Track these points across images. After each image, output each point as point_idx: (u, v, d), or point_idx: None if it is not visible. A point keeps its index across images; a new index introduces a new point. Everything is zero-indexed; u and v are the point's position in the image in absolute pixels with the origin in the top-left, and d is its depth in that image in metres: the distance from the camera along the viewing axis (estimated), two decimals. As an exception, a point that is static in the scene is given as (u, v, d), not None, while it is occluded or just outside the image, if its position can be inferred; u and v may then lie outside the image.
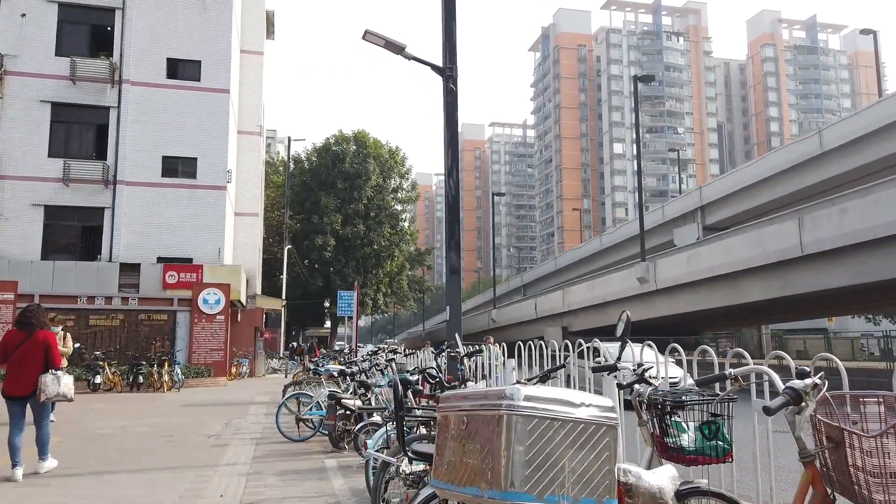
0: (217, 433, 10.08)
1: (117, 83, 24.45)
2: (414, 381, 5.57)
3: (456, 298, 8.34)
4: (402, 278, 50.52)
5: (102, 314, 21.62)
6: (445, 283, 8.55)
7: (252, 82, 30.50)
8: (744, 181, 38.30)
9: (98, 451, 8.53)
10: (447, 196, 8.50)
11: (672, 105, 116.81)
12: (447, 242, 8.45)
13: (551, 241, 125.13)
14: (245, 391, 20.00)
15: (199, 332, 22.54)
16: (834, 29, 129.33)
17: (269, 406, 14.57)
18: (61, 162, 23.52)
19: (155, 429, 10.65)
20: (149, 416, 12.70)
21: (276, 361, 33.51)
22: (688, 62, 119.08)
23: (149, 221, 24.17)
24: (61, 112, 24.14)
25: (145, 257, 23.78)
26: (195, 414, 13.16)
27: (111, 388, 19.34)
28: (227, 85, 25.63)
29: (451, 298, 8.29)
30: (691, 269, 27.70)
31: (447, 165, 8.56)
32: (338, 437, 7.96)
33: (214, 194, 24.97)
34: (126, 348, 21.45)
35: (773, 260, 23.27)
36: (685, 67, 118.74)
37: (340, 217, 44.60)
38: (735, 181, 39.26)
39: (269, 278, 43.37)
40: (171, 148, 24.75)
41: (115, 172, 24.08)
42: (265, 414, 12.80)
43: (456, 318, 8.26)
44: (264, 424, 11.03)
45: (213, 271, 23.71)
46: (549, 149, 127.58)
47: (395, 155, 48.87)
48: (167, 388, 19.37)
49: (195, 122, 25.05)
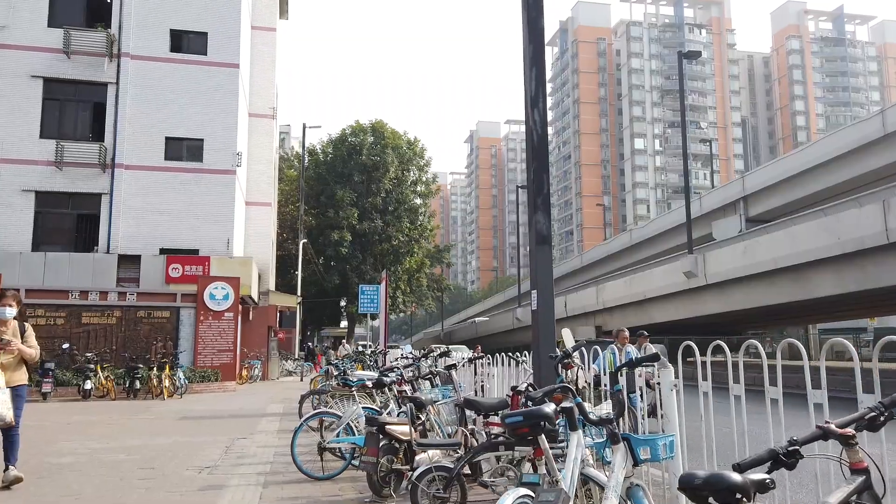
0: (213, 463, 7.63)
1: (116, 57, 22.19)
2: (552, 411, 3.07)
3: (546, 275, 5.85)
4: (420, 276, 48.05)
5: (97, 311, 19.31)
6: (530, 256, 6.05)
7: (264, 61, 28.16)
8: (792, 169, 35.53)
9: (38, 496, 6.10)
10: (531, 135, 6.02)
11: (695, 99, 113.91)
12: (533, 200, 5.96)
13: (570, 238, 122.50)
14: (256, 398, 17.60)
15: (205, 331, 20.19)
16: (861, 20, 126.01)
17: (283, 419, 12.14)
18: (54, 143, 21.29)
19: (133, 455, 8.23)
20: (134, 434, 10.29)
21: (290, 363, 31.14)
22: (710, 55, 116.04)
23: (150, 209, 21.88)
24: (54, 88, 21.92)
25: (146, 248, 21.49)
26: (192, 430, 10.75)
27: (105, 394, 17.02)
28: (237, 59, 23.29)
29: (541, 274, 5.80)
30: (749, 262, 24.94)
31: (530, 91, 6.06)
32: (381, 480, 5.46)
33: (223, 179, 22.64)
34: (123, 349, 19.13)
35: (850, 249, 20.53)
36: (708, 60, 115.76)
37: (357, 211, 42.24)
38: (781, 169, 36.47)
39: (283, 275, 41.10)
40: (175, 128, 22.46)
41: (113, 155, 21.82)
42: (277, 431, 10.34)
43: (546, 302, 5.76)
44: (276, 448, 8.57)
45: (221, 264, 21.38)
46: (568, 145, 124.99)
47: (414, 146, 46.46)
48: (168, 394, 17.02)
49: (201, 100, 22.74)
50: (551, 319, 5.83)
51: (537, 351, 5.73)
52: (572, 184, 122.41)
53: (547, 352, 5.73)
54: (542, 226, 5.95)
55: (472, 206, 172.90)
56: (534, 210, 5.97)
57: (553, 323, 5.86)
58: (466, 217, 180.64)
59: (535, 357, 5.76)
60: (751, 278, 25.37)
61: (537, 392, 4.74)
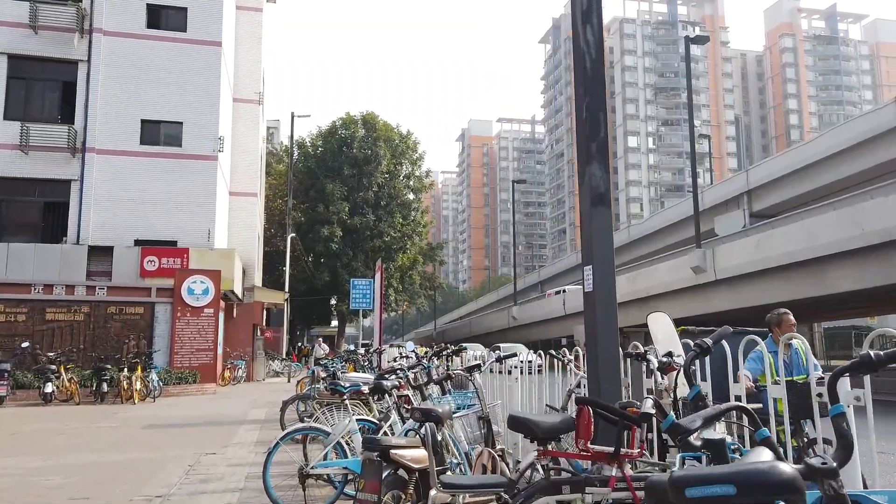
0: (168, 490, 6.09)
1: (87, 33, 20.55)
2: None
3: (605, 246, 4.38)
4: (413, 273, 46.48)
5: (62, 306, 17.63)
6: (582, 221, 4.58)
7: (249, 43, 26.54)
8: (799, 162, 34.30)
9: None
10: (581, 60, 4.56)
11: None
12: (585, 147, 4.49)
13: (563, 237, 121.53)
14: (237, 402, 16.03)
15: (182, 329, 18.57)
16: (854, 18, 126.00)
17: (264, 428, 10.62)
18: (19, 125, 19.64)
19: (73, 478, 6.69)
20: (86, 448, 8.73)
21: (277, 363, 29.50)
22: (704, 53, 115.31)
23: (124, 197, 20.26)
24: (20, 66, 20.26)
25: (119, 240, 19.87)
26: (156, 442, 9.20)
27: (69, 398, 15.38)
28: (219, 37, 21.69)
29: (598, 245, 4.33)
30: (762, 256, 23.61)
31: (581, 3, 4.57)
32: (385, 523, 3.96)
33: (203, 166, 21.04)
34: (91, 348, 17.48)
35: (874, 241, 19.23)
36: (701, 58, 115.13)
37: (348, 206, 40.66)
38: (788, 162, 35.23)
39: (270, 272, 39.47)
40: (152, 110, 20.85)
41: (83, 139, 20.17)
42: (255, 444, 8.81)
43: (606, 282, 4.29)
44: (250, 468, 7.04)
45: (200, 256, 19.79)
46: (561, 143, 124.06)
47: (407, 139, 44.92)
48: (139, 398, 15.41)
49: (181, 80, 21.13)
50: (613, 304, 4.36)
51: (594, 348, 4.25)
52: (565, 182, 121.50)
53: (608, 347, 4.25)
54: (599, 180, 4.47)
55: (463, 205, 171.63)
56: (586, 160, 4.49)
57: (615, 309, 4.40)
58: (458, 216, 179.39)
59: (592, 356, 4.28)
60: (763, 273, 24.06)
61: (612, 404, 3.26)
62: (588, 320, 4.36)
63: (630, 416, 3.00)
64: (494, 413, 5.04)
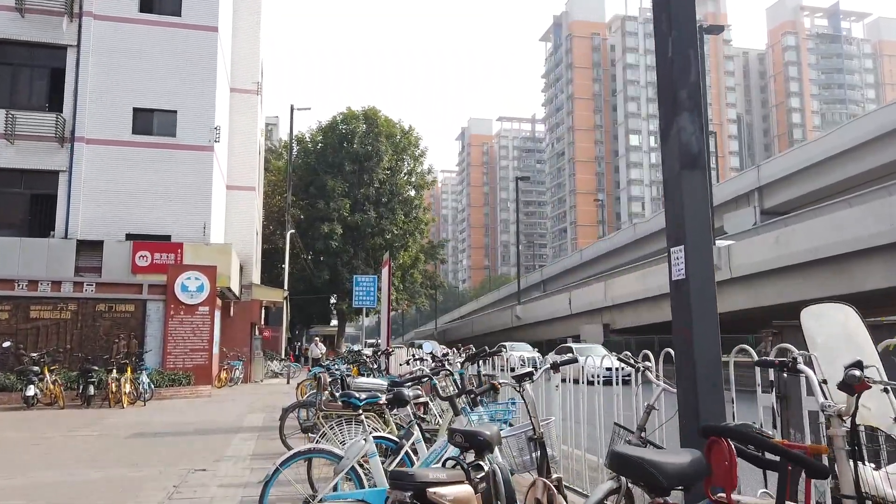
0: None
1: (77, 16, 19.53)
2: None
3: (701, 221, 3.38)
4: (415, 272, 45.45)
5: (48, 304, 16.58)
6: (670, 192, 3.59)
7: (247, 30, 25.51)
8: (815, 156, 33.35)
9: None
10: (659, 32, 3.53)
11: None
12: (671, 93, 3.51)
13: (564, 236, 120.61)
14: (233, 406, 15.02)
15: (175, 328, 17.55)
16: (857, 17, 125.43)
17: (262, 437, 9.61)
18: (4, 113, 18.64)
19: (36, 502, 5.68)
20: (57, 462, 7.72)
21: (276, 364, 28.47)
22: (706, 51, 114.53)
23: (115, 189, 19.24)
24: (5, 51, 19.27)
25: (110, 234, 18.86)
26: (139, 455, 8.19)
27: (53, 401, 14.36)
28: (215, 22, 20.67)
29: (692, 219, 3.34)
30: (782, 252, 22.66)
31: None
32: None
33: (199, 156, 20.02)
34: (79, 348, 16.46)
35: (905, 236, 18.31)
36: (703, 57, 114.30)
37: (349, 202, 39.63)
38: (804, 157, 34.27)
39: (269, 271, 38.43)
40: (145, 98, 19.84)
41: (72, 128, 19.16)
42: (251, 458, 7.79)
43: (704, 266, 3.30)
44: (245, 490, 6.04)
45: (195, 251, 18.77)
46: (562, 141, 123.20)
47: (409, 135, 43.90)
48: (128, 401, 14.40)
49: (175, 66, 20.12)
50: (712, 295, 3.38)
51: (688, 352, 3.25)
52: (566, 180, 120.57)
53: (707, 352, 3.24)
54: (690, 136, 3.48)
55: (463, 204, 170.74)
56: (673, 110, 3.49)
57: (715, 302, 3.42)
58: (458, 215, 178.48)
59: (685, 364, 3.28)
60: (783, 271, 23.11)
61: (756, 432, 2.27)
62: (678, 317, 3.37)
63: (802, 458, 2.02)
64: (549, 432, 4.04)
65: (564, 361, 4.27)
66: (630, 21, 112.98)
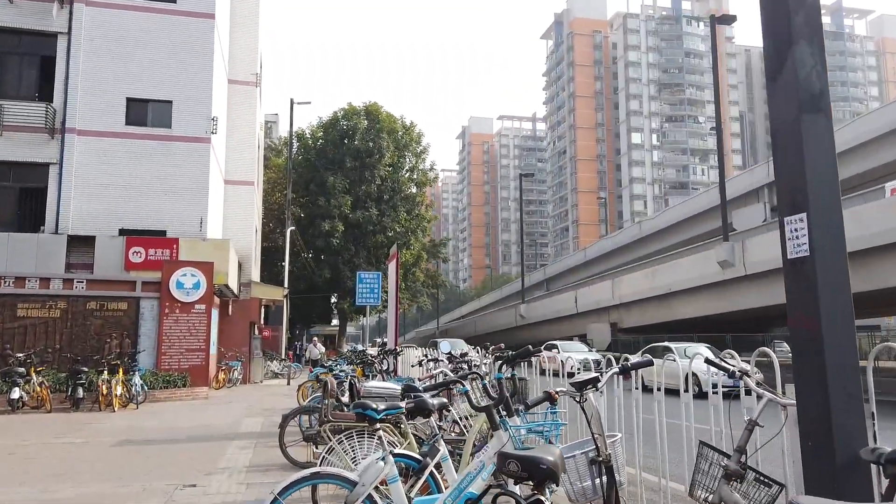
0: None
1: (67, 3, 18.75)
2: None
3: (828, 178, 2.60)
4: (417, 271, 44.66)
5: (36, 301, 15.79)
6: (783, 143, 2.83)
7: (246, 19, 24.73)
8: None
9: None
10: None
11: (692, 93, 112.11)
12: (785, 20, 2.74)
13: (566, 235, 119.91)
14: (230, 409, 14.24)
15: (170, 327, 16.76)
16: (860, 14, 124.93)
17: (260, 444, 8.82)
18: (-9, 103, 17.82)
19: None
20: (32, 477, 6.94)
21: (276, 364, 27.69)
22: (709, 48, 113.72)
23: (108, 182, 18.46)
24: (-7, 39, 18.45)
25: (103, 229, 18.07)
26: (123, 466, 7.40)
27: (40, 404, 13.58)
28: (212, 9, 19.89)
29: (817, 178, 2.56)
30: (800, 248, 21.81)
31: None
32: None
33: (195, 148, 19.24)
34: (69, 348, 15.67)
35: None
36: (706, 54, 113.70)
37: (350, 199, 38.84)
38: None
39: (269, 269, 37.66)
40: (139, 88, 19.05)
41: (63, 118, 18.36)
42: (247, 470, 7.01)
43: (834, 235, 2.51)
44: (242, 505, 5.25)
45: (191, 247, 17.98)
46: (563, 140, 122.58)
47: (410, 131, 43.12)
48: (119, 404, 13.62)
49: (170, 55, 19.33)
50: (845, 278, 2.61)
51: (813, 349, 2.47)
52: (568, 179, 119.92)
53: (840, 346, 2.46)
54: (810, 71, 2.71)
55: (464, 203, 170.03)
56: (788, 40, 2.72)
57: (849, 288, 2.66)
58: (458, 214, 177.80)
59: (810, 365, 2.50)
60: (800, 267, 22.28)
61: None
62: (798, 306, 2.60)
63: None
64: (615, 453, 3.26)
65: (638, 364, 3.47)
66: (632, 18, 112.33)
